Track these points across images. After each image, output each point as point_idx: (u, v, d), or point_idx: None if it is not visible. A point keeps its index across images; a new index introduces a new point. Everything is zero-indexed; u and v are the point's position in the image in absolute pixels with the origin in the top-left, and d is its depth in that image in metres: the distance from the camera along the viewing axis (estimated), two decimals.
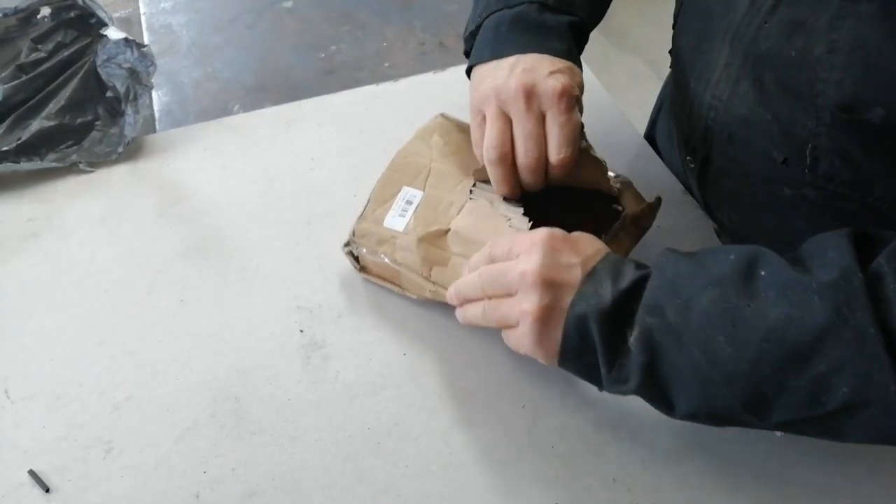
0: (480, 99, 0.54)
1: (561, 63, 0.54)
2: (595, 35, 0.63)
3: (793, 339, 0.38)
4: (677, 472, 0.48)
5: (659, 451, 0.49)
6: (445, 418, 0.52)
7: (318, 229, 0.65)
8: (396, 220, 0.56)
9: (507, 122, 0.53)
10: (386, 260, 0.56)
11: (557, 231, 0.47)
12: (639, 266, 0.45)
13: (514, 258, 0.47)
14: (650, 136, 0.80)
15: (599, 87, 0.78)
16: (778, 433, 0.49)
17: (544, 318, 0.44)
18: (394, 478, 0.49)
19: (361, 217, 0.58)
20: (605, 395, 0.52)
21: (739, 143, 0.55)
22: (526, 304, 0.45)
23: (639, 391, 0.43)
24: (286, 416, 0.52)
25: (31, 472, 0.49)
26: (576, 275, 0.45)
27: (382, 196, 0.58)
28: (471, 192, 0.56)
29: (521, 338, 0.46)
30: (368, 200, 0.58)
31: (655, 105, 0.82)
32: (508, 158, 0.53)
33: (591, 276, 0.44)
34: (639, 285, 0.43)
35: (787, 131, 0.50)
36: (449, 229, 0.54)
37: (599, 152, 0.57)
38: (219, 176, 0.70)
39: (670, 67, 0.70)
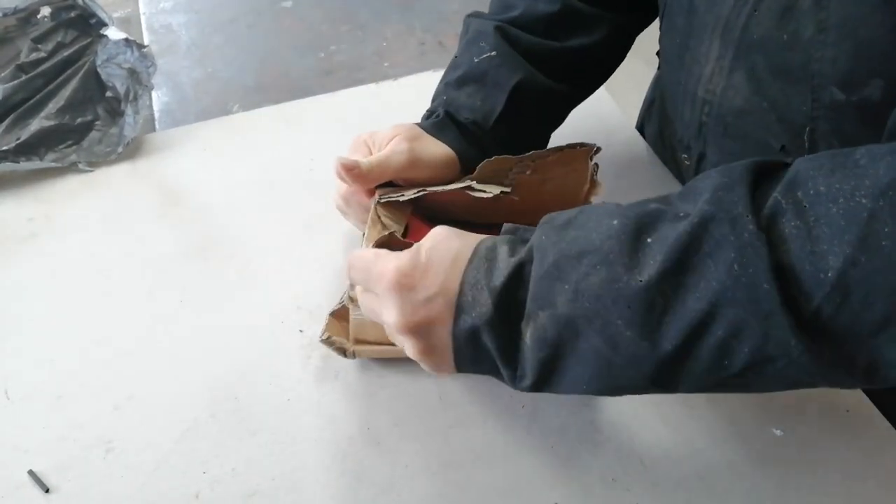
0: None
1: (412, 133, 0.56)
2: None
3: (690, 310, 0.35)
4: (677, 472, 0.48)
5: (659, 451, 0.49)
6: (445, 418, 0.52)
7: (318, 229, 0.65)
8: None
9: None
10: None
11: (403, 261, 0.42)
12: (511, 247, 0.41)
13: (373, 292, 0.44)
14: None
15: (599, 87, 0.78)
16: (778, 431, 0.50)
17: (428, 352, 0.43)
18: (394, 478, 0.49)
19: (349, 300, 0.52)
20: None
21: (735, 135, 0.55)
22: (408, 348, 0.43)
23: (536, 385, 0.41)
24: (286, 416, 0.52)
25: (31, 473, 0.49)
26: (440, 305, 0.41)
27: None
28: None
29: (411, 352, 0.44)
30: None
31: (643, 105, 0.82)
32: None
33: (463, 284, 0.41)
34: (517, 273, 0.40)
35: (784, 117, 0.50)
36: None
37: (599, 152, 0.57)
38: (219, 176, 0.70)
39: (658, 69, 0.70)
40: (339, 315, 0.54)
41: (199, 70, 0.85)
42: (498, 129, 0.58)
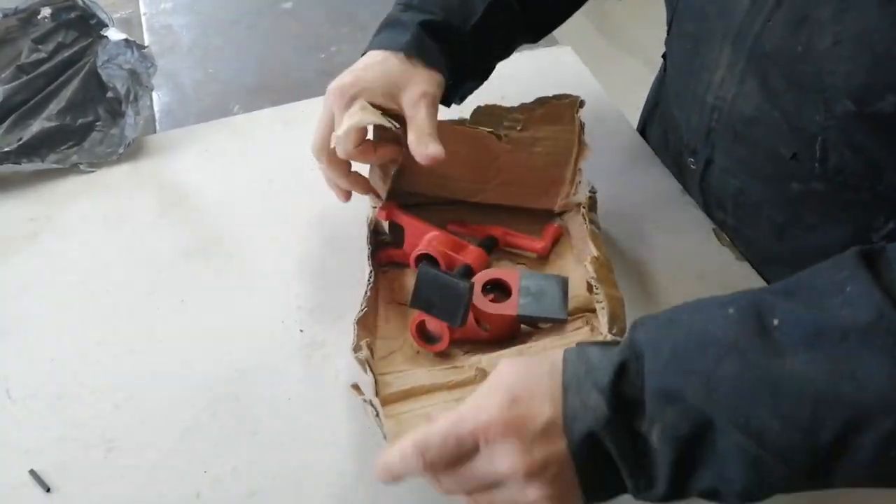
0: None
1: (379, 56, 0.55)
2: (595, 35, 0.63)
3: (849, 400, 0.32)
4: None
5: None
6: None
7: (319, 229, 0.65)
8: None
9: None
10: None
11: (497, 402, 0.37)
12: (601, 348, 0.38)
13: (483, 448, 0.37)
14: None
15: (598, 88, 0.79)
16: None
17: (555, 494, 0.37)
18: None
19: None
20: None
21: (745, 142, 0.55)
22: (526, 493, 0.37)
23: (670, 492, 0.36)
24: (286, 416, 0.52)
25: (32, 472, 0.49)
26: (559, 429, 0.36)
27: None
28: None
29: None
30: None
31: (645, 106, 0.82)
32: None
33: (565, 391, 0.37)
34: (621, 370, 0.36)
35: (796, 127, 0.50)
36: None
37: (598, 152, 0.57)
38: (219, 176, 0.70)
39: (663, 71, 0.70)
40: (364, 322, 0.52)
41: (200, 71, 0.85)
42: (471, 35, 0.58)
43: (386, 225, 0.59)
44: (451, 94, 0.60)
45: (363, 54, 0.57)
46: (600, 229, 0.57)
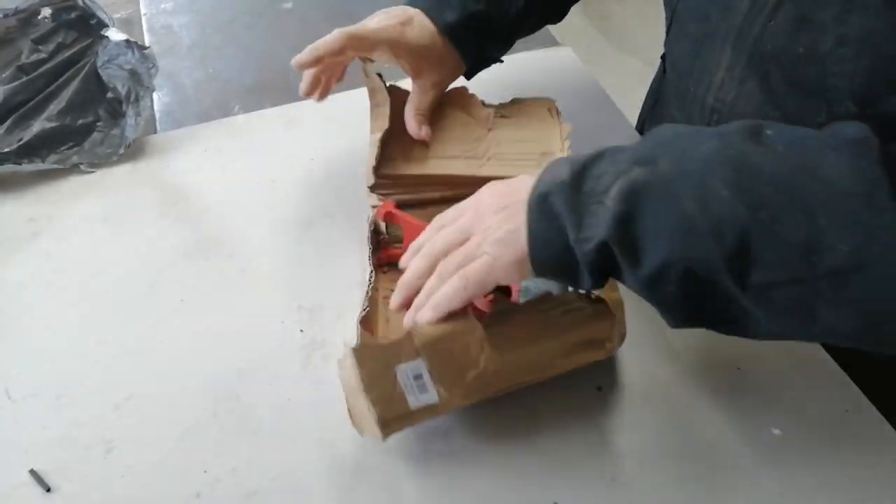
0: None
1: (425, 21, 0.59)
2: (595, 35, 0.64)
3: (799, 187, 0.35)
4: (677, 472, 0.48)
5: (659, 451, 0.49)
6: (446, 418, 0.52)
7: (319, 229, 0.65)
8: (422, 398, 0.45)
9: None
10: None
11: (494, 185, 0.47)
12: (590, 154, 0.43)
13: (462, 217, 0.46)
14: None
15: (598, 88, 0.79)
16: (777, 431, 0.49)
17: (507, 219, 0.43)
18: (394, 478, 0.49)
19: (382, 427, 0.45)
20: (605, 394, 0.52)
21: None
22: (488, 221, 0.44)
23: (606, 243, 0.39)
24: (286, 416, 0.52)
25: (32, 472, 0.49)
26: (527, 185, 0.43)
27: (380, 394, 0.44)
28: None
29: (487, 256, 0.44)
30: (369, 407, 0.44)
31: (643, 106, 0.82)
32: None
33: (544, 172, 0.43)
34: (598, 155, 0.42)
35: None
36: (483, 368, 0.46)
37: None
38: (219, 176, 0.70)
39: (662, 72, 0.70)
40: (365, 322, 0.52)
41: (200, 71, 0.85)
42: (506, 28, 0.62)
43: (384, 225, 0.59)
44: (466, 76, 0.64)
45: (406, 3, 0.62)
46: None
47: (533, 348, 0.47)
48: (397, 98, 0.63)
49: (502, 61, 0.66)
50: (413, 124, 0.61)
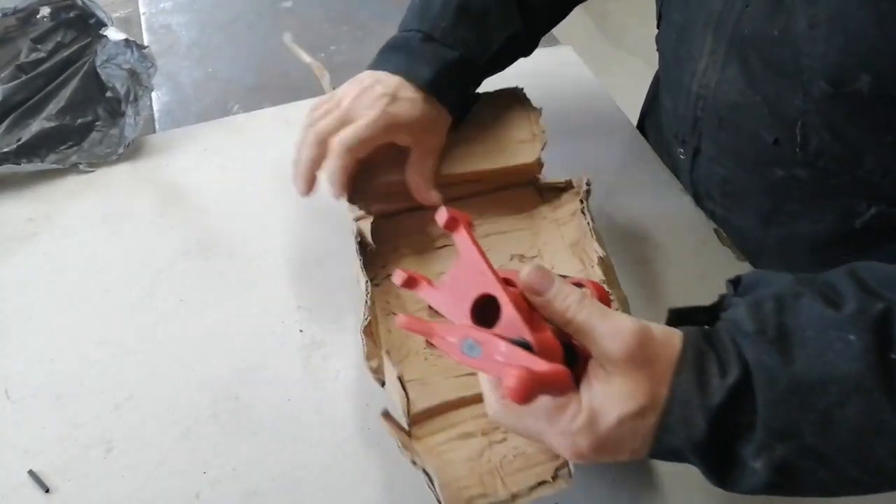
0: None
1: (405, 88, 0.55)
2: (595, 35, 0.64)
3: None
4: (677, 472, 0.48)
5: None
6: None
7: (319, 229, 0.65)
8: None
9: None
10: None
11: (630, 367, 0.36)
12: (720, 362, 0.36)
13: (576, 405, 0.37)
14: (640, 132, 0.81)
15: (598, 87, 0.78)
16: None
17: (601, 456, 0.37)
18: (394, 478, 0.49)
19: (418, 442, 0.46)
20: None
21: (729, 129, 0.56)
22: (570, 452, 0.37)
23: (755, 493, 0.37)
24: (286, 416, 0.52)
25: (31, 472, 0.49)
26: (651, 423, 0.36)
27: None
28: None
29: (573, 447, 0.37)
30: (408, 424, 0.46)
31: (644, 102, 0.82)
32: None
33: (671, 401, 0.36)
34: (735, 394, 0.35)
35: (777, 111, 0.50)
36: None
37: (599, 152, 0.57)
38: (219, 176, 0.70)
39: (659, 65, 0.70)
40: (368, 332, 0.50)
41: (200, 70, 0.85)
42: (482, 69, 0.59)
43: (369, 236, 0.56)
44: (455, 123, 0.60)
45: (373, 66, 0.57)
46: (594, 221, 0.56)
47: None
48: None
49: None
50: (426, 195, 0.56)
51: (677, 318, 0.40)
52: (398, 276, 0.42)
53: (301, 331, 0.57)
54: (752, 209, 0.59)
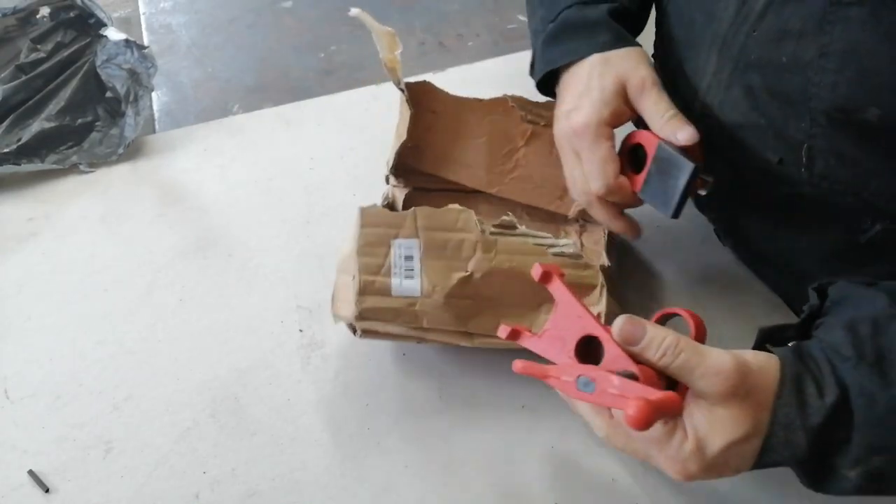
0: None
1: (583, 72, 0.54)
2: None
3: None
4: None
5: None
6: (445, 418, 0.52)
7: (318, 229, 0.65)
8: (406, 284, 0.48)
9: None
10: (409, 332, 0.50)
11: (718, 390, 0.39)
12: (816, 383, 0.39)
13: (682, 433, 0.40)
14: None
15: None
16: None
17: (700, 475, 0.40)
18: (394, 478, 0.49)
19: (360, 294, 0.48)
20: None
21: (732, 148, 0.55)
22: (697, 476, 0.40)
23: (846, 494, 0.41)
24: (286, 416, 0.52)
25: (31, 473, 0.49)
26: (755, 446, 0.39)
27: (370, 262, 0.49)
28: (480, 223, 0.50)
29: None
30: (355, 274, 0.49)
31: None
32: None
33: (773, 424, 0.39)
34: (833, 414, 0.38)
35: (782, 134, 0.50)
36: (470, 274, 0.49)
37: None
38: (219, 176, 0.70)
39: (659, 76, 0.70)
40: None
41: (199, 70, 0.85)
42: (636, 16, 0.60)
43: (400, 203, 0.59)
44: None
45: (541, 71, 0.57)
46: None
47: (521, 259, 0.49)
48: (420, 92, 0.61)
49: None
50: (671, 135, 0.52)
51: (767, 337, 0.43)
52: (503, 331, 0.46)
53: (301, 331, 0.57)
54: (755, 223, 0.59)
